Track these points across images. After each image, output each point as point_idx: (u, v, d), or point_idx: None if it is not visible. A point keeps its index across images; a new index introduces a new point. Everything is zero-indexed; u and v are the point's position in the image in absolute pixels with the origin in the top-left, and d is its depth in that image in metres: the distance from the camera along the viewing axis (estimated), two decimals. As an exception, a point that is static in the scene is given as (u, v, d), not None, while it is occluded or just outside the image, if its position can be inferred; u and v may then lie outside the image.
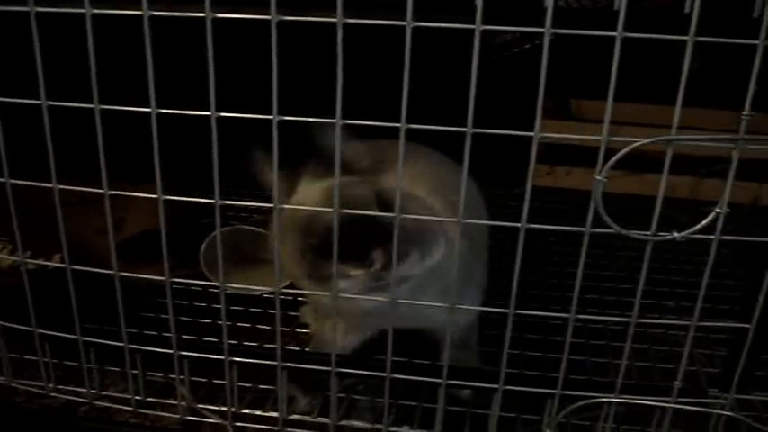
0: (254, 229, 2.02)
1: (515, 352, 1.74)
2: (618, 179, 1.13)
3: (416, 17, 1.05)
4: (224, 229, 1.36)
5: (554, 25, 1.04)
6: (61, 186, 1.34)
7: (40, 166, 1.33)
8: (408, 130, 1.12)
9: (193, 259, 2.01)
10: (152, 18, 1.14)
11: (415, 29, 1.06)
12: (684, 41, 1.03)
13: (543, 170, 2.79)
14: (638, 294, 1.24)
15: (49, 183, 1.34)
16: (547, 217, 2.21)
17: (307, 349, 1.83)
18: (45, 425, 1.69)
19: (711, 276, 1.22)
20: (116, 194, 1.32)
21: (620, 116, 1.14)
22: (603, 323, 1.81)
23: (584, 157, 1.05)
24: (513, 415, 1.58)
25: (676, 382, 1.32)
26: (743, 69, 1.07)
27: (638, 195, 2.13)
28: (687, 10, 1.02)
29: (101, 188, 1.31)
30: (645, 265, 1.21)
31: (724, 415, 1.36)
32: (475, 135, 1.11)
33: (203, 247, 2.02)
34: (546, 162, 2.80)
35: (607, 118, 1.09)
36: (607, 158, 1.10)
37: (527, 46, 2.52)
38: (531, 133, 1.11)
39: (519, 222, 1.19)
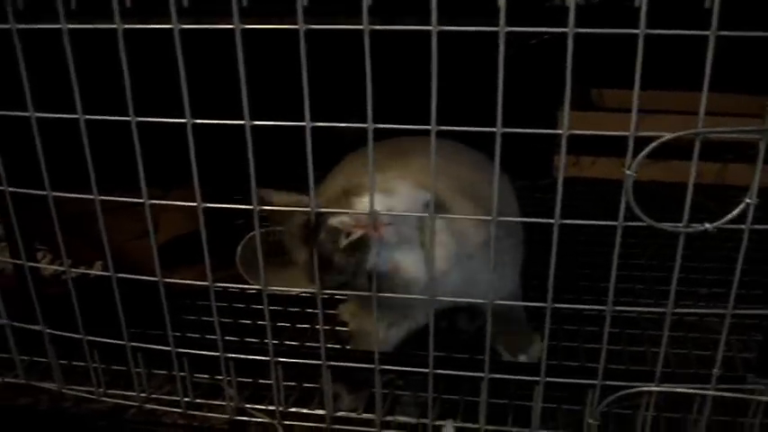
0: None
1: (552, 343, 1.76)
2: (644, 167, 1.15)
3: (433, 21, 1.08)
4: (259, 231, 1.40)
5: (576, 21, 1.05)
6: (102, 197, 1.38)
7: (72, 173, 1.36)
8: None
9: (228, 260, 2.04)
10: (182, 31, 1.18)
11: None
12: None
13: (569, 160, 2.73)
14: (673, 285, 1.25)
15: (85, 190, 1.37)
16: (573, 207, 2.23)
17: (348, 347, 1.86)
18: (95, 429, 1.73)
19: (744, 262, 1.24)
20: (153, 202, 1.36)
21: (644, 104, 1.16)
22: (638, 312, 1.83)
23: (608, 146, 1.07)
24: (555, 406, 1.60)
25: (715, 370, 1.34)
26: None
27: (666, 182, 2.15)
28: (708, 5, 1.03)
29: (135, 195, 1.35)
30: (678, 258, 1.22)
31: (763, 401, 1.38)
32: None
33: (239, 248, 2.05)
34: (571, 152, 2.78)
35: (634, 113, 1.10)
36: (634, 148, 1.12)
37: (545, 36, 2.51)
38: (560, 131, 1.13)
39: (551, 218, 1.20)
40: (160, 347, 1.55)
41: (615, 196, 1.17)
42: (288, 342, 1.87)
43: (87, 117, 1.29)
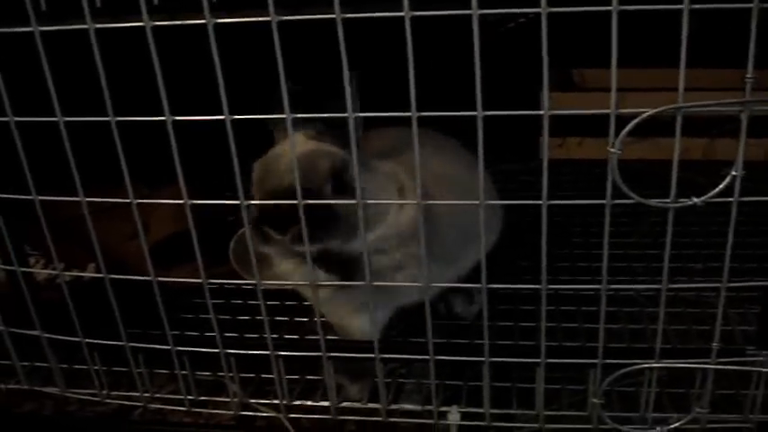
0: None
1: (552, 324, 1.77)
2: (632, 146, 1.14)
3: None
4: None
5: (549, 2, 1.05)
6: (89, 199, 1.38)
7: (62, 176, 1.36)
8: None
9: (223, 256, 2.04)
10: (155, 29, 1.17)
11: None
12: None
13: (555, 142, 2.81)
14: (666, 262, 1.25)
15: (73, 193, 1.37)
16: (563, 189, 2.23)
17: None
18: (102, 431, 1.74)
19: (736, 235, 1.23)
20: (140, 201, 1.36)
21: (627, 82, 1.14)
22: (635, 290, 1.83)
23: (594, 126, 1.07)
24: (559, 387, 1.60)
25: (714, 344, 1.34)
26: (744, 27, 1.08)
27: (654, 160, 2.16)
28: None
29: (123, 195, 1.34)
30: (669, 233, 1.21)
31: (764, 372, 1.38)
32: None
33: (232, 244, 2.04)
34: (557, 134, 2.82)
35: (613, 91, 1.10)
36: (618, 127, 1.11)
37: (521, 20, 2.51)
38: (541, 111, 1.12)
39: (539, 200, 1.20)
40: (159, 347, 1.54)
41: (605, 176, 1.16)
42: (287, 336, 1.87)
43: (66, 119, 1.29)
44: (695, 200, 1.16)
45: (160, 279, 1.45)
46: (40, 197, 1.41)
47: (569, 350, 1.45)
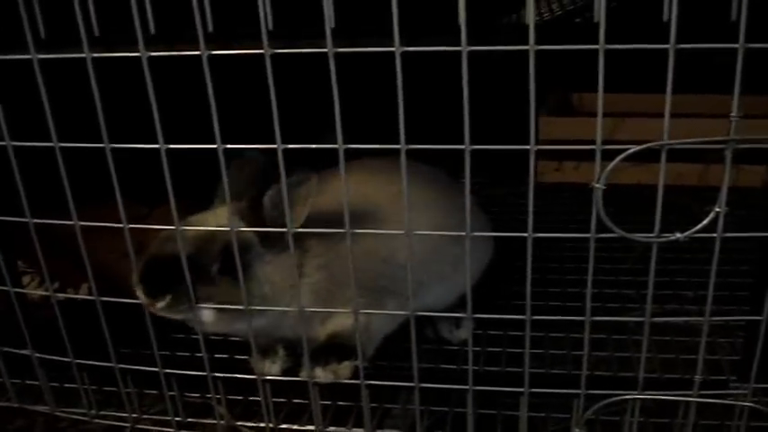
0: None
1: (538, 351, 1.77)
2: (627, 170, 1.15)
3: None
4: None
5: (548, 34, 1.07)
6: (82, 223, 1.40)
7: (59, 191, 1.37)
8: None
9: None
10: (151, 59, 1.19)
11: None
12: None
13: (551, 166, 2.81)
14: (650, 294, 1.26)
15: (69, 213, 1.40)
16: (559, 212, 2.22)
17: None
18: (91, 450, 1.74)
19: (728, 263, 1.23)
20: (134, 220, 1.38)
21: (623, 106, 1.14)
22: (619, 321, 1.83)
23: (590, 151, 1.08)
24: (543, 415, 1.61)
25: (697, 376, 1.34)
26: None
27: (650, 185, 2.15)
28: (665, 18, 1.04)
29: (119, 214, 1.37)
30: (652, 267, 1.23)
31: (746, 405, 1.38)
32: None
33: None
34: (553, 158, 2.82)
35: (599, 127, 1.11)
36: (613, 153, 1.12)
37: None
38: (528, 146, 1.14)
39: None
40: (148, 369, 1.55)
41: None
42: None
43: (62, 145, 1.31)
44: (678, 235, 1.17)
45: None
46: (35, 220, 1.43)
47: (554, 378, 1.45)
